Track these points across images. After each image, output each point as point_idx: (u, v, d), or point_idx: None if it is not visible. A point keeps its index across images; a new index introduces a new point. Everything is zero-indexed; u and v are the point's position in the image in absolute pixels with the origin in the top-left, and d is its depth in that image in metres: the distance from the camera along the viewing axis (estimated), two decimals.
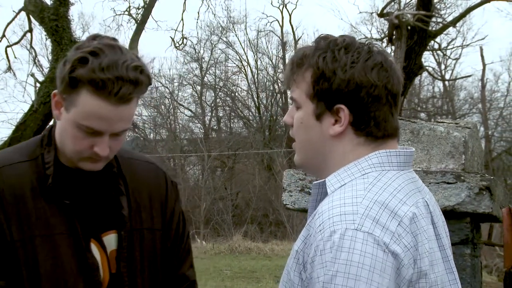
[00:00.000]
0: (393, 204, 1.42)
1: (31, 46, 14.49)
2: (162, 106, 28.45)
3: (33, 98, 13.04)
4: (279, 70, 28.57)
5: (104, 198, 1.88)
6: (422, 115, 26.20)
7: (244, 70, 28.75)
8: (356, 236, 1.35)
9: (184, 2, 15.45)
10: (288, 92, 1.61)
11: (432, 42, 15.25)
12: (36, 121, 11.74)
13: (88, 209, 1.84)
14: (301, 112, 1.54)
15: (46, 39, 15.42)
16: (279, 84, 28.42)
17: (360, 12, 30.49)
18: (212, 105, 29.00)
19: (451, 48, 25.19)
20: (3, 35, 13.72)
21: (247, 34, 36.23)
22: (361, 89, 1.48)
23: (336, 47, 1.50)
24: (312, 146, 1.54)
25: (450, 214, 3.09)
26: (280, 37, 28.65)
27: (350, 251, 1.34)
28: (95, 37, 1.77)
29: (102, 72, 1.68)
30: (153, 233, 1.94)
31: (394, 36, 11.95)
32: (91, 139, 1.76)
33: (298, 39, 28.69)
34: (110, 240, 1.87)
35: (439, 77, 25.86)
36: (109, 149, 1.78)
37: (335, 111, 1.50)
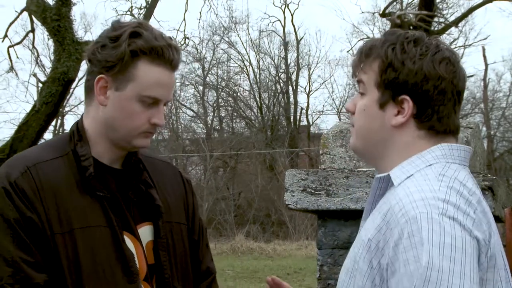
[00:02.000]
0: (466, 193, 1.43)
1: (33, 46, 14.52)
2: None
3: (35, 98, 13.06)
4: (281, 70, 28.61)
5: (136, 191, 1.92)
6: None
7: (246, 70, 28.79)
8: (443, 220, 1.36)
9: (186, 2, 15.53)
10: (354, 80, 1.65)
11: None
12: (39, 121, 11.76)
13: (121, 202, 1.87)
14: (365, 99, 1.56)
15: (48, 39, 15.44)
16: (281, 84, 28.45)
17: (362, 12, 30.50)
18: (214, 105, 29.02)
19: (453, 48, 25.17)
20: (6, 35, 13.74)
21: (249, 34, 36.12)
22: (428, 81, 1.49)
23: (406, 40, 1.52)
24: (372, 134, 1.55)
25: None
26: (282, 37, 28.67)
27: (441, 233, 1.35)
28: (119, 21, 1.85)
29: (157, 40, 1.79)
30: (180, 227, 1.99)
31: None
32: (148, 111, 1.83)
33: (300, 39, 28.75)
34: (146, 231, 1.91)
35: None
36: None
37: (399, 101, 1.51)
